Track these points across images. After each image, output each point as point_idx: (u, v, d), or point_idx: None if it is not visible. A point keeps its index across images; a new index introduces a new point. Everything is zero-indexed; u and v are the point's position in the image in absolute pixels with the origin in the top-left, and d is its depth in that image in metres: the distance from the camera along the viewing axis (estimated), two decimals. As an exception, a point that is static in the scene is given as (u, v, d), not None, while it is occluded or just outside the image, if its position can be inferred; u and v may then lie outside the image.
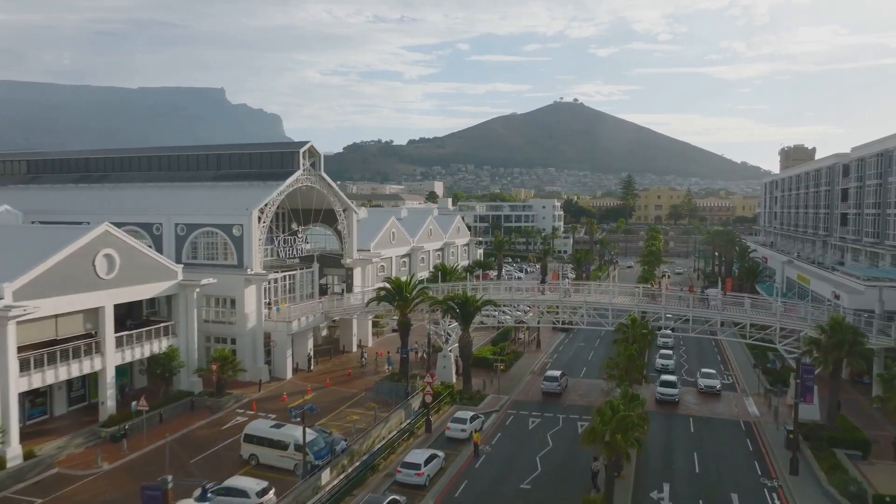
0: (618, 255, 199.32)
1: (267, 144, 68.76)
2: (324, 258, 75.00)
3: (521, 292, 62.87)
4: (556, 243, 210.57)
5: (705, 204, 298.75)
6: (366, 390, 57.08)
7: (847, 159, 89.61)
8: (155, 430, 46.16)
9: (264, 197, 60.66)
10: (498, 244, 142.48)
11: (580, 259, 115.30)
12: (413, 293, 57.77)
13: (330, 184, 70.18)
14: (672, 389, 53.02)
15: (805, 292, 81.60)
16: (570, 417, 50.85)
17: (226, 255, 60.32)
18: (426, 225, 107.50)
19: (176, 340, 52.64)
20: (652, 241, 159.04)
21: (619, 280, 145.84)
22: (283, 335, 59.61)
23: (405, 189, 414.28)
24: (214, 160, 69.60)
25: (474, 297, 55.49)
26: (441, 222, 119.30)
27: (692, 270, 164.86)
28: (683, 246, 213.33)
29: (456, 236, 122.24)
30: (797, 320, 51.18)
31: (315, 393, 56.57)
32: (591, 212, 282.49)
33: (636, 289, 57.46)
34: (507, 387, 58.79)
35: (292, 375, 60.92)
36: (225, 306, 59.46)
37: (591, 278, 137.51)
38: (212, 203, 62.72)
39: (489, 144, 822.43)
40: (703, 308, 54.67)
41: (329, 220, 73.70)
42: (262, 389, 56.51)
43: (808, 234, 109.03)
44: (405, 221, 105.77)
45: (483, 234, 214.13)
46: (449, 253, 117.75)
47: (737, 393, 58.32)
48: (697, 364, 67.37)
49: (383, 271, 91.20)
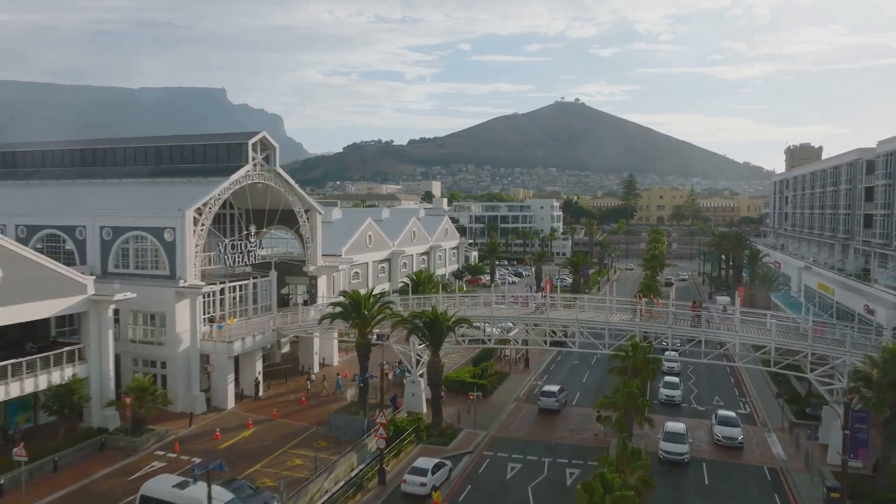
0: (618, 257, 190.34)
1: (212, 136, 60.00)
2: (284, 265, 66.22)
3: (502, 308, 53.75)
4: (554, 245, 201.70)
5: (709, 204, 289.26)
6: (318, 424, 48.25)
7: (872, 154, 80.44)
8: (44, 482, 37.43)
9: (202, 195, 51.83)
10: (491, 247, 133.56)
11: (577, 263, 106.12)
12: (373, 309, 48.86)
13: (287, 181, 61.36)
14: (680, 446, 41.40)
15: (827, 303, 72.64)
16: (558, 462, 41.88)
17: (157, 264, 51.48)
18: (409, 227, 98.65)
19: (85, 368, 43.82)
20: (654, 243, 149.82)
21: (619, 285, 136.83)
22: (224, 358, 50.75)
23: (402, 189, 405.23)
24: (153, 154, 60.73)
25: (445, 315, 46.56)
26: (427, 224, 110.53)
27: (697, 274, 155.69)
28: (687, 248, 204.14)
29: (443, 239, 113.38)
30: (833, 344, 42.21)
31: (257, 427, 47.70)
32: (592, 212, 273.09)
33: (637, 304, 48.35)
34: (486, 418, 49.88)
35: (235, 405, 52.04)
36: (154, 324, 50.62)
37: (591, 284, 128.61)
38: (143, 203, 53.95)
39: (490, 144, 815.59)
40: (718, 329, 45.55)
41: (290, 221, 64.89)
42: (193, 424, 47.63)
43: (826, 236, 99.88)
44: (386, 223, 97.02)
45: (479, 235, 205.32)
46: (435, 257, 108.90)
47: (757, 427, 49.35)
48: (708, 391, 58.38)
49: (357, 279, 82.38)
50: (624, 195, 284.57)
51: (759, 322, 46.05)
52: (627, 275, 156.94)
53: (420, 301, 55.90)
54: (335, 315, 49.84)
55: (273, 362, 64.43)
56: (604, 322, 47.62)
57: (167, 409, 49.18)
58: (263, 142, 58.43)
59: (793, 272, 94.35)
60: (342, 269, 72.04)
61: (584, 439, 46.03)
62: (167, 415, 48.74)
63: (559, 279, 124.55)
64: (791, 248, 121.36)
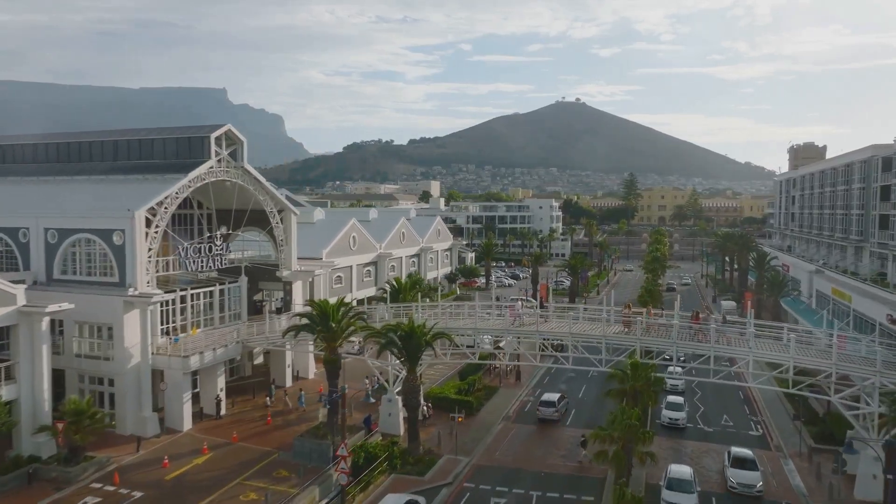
0: (619, 259, 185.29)
1: (173, 129, 54.96)
2: (258, 270, 61.18)
3: (489, 319, 48.61)
4: (553, 246, 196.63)
5: (711, 204, 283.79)
6: (281, 448, 43.26)
7: (889, 151, 75.32)
8: (-47, 525, 32.46)
9: (156, 194, 46.81)
10: (486, 248, 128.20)
11: (575, 265, 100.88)
12: (343, 321, 43.79)
13: (257, 178, 56.37)
14: (687, 496, 34.63)
15: (842, 311, 67.56)
16: (549, 498, 36.81)
17: (106, 270, 46.47)
18: (397, 228, 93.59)
19: (13, 388, 38.82)
20: (656, 244, 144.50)
21: (619, 288, 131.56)
22: (179, 374, 45.72)
23: (401, 189, 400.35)
24: (111, 149, 55.68)
25: (422, 328, 41.52)
26: (418, 225, 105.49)
27: (699, 276, 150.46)
28: (689, 249, 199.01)
29: (435, 240, 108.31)
30: (861, 363, 37.15)
31: (213, 453, 42.68)
32: (592, 212, 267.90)
33: (637, 316, 43.20)
34: (470, 441, 44.88)
35: (192, 426, 47.00)
36: (101, 337, 45.60)
37: (589, 286, 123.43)
38: (94, 202, 48.95)
39: (490, 144, 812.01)
40: (729, 344, 40.41)
41: (262, 222, 59.90)
42: (141, 449, 42.56)
43: (836, 238, 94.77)
44: (373, 224, 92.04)
45: (477, 235, 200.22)
46: (426, 259, 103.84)
47: (771, 452, 44.30)
48: (716, 409, 53.29)
49: (340, 283, 77.38)
50: (624, 195, 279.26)
51: (774, 335, 41.04)
52: (628, 276, 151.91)
53: (401, 310, 50.92)
54: (299, 327, 44.80)
55: (243, 375, 59.49)
56: (600, 335, 42.54)
57: (114, 432, 44.27)
58: (229, 135, 53.44)
59: (803, 276, 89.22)
60: (319, 274, 66.96)
61: (579, 468, 40.99)
62: (113, 438, 43.76)
63: (556, 282, 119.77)
64: (798, 250, 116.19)
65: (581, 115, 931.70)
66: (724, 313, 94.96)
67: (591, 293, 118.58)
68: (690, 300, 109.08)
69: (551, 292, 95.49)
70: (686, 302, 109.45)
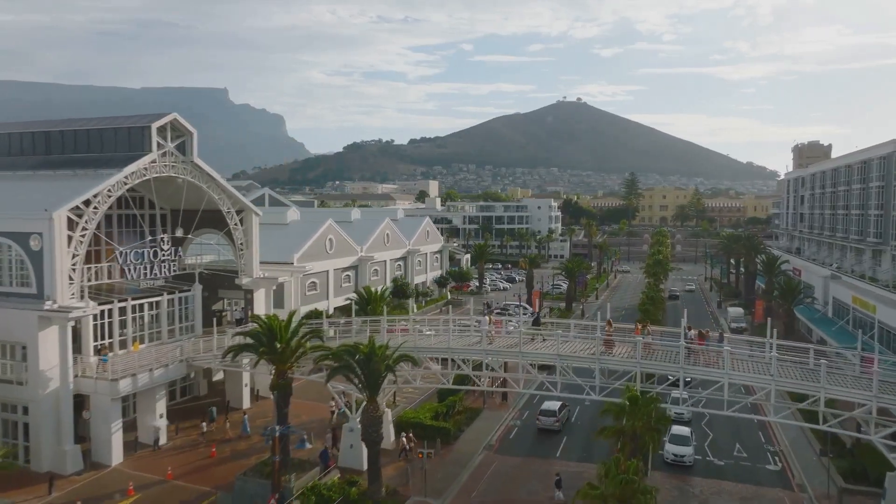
0: (619, 260, 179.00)
1: (113, 118, 48.74)
2: (217, 277, 55.01)
3: (464, 336, 42.16)
4: (552, 247, 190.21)
5: (714, 204, 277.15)
6: (222, 488, 37.01)
7: (912, 146, 69.24)
8: None
9: (82, 192, 40.57)
10: (480, 250, 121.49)
11: (572, 269, 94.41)
12: (294, 341, 37.46)
13: (210, 174, 50.13)
14: None
15: (864, 322, 61.24)
16: (529, 557, 30.53)
17: (22, 279, 40.24)
18: (380, 229, 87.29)
19: None
20: (658, 245, 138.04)
21: (619, 293, 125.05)
22: (107, 400, 39.49)
23: (398, 188, 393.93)
24: (42, 140, 49.37)
25: (383, 350, 35.20)
26: (405, 226, 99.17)
27: (703, 280, 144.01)
28: (692, 250, 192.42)
29: (423, 242, 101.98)
30: (905, 395, 30.77)
31: (141, 494, 36.44)
32: (592, 212, 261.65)
33: (636, 335, 36.74)
34: (443, 479, 38.58)
35: (122, 460, 40.70)
36: (14, 357, 39.34)
37: (588, 290, 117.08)
38: (13, 201, 42.69)
39: (491, 144, 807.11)
40: (748, 371, 33.99)
41: (220, 224, 53.69)
42: (54, 490, 36.24)
43: (851, 240, 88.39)
44: (354, 226, 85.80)
45: (473, 236, 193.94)
46: (414, 262, 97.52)
47: (793, 492, 37.97)
48: (727, 437, 46.81)
49: (315, 290, 71.15)
50: (625, 195, 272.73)
51: (798, 359, 34.68)
52: (628, 279, 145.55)
53: (371, 325, 44.60)
54: (239, 348, 38.53)
55: (197, 395, 53.31)
56: (593, 357, 36.18)
57: (28, 469, 38.07)
58: (176, 126, 47.22)
59: (816, 281, 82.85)
60: (283, 281, 60.71)
61: (567, 514, 34.67)
62: (27, 477, 37.55)
63: (553, 285, 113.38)
64: (808, 252, 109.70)
65: (582, 115, 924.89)
66: (731, 321, 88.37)
67: (591, 296, 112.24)
68: (695, 306, 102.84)
69: (544, 299, 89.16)
70: (690, 307, 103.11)
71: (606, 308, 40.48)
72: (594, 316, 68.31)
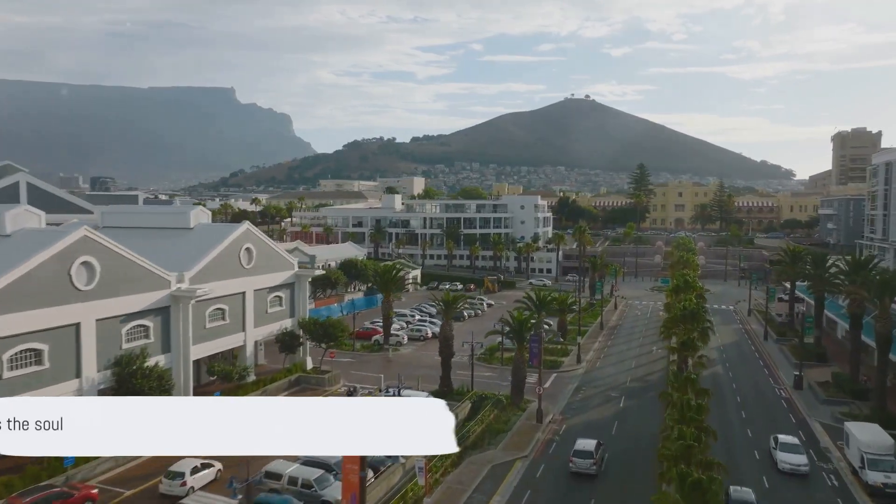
0: (624, 277, 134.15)
1: None
2: None
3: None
4: (536, 258, 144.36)
5: (741, 203, 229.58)
6: None
7: None
8: None
9: None
10: (384, 275, 73.99)
11: (521, 323, 49.16)
12: None
13: None
14: None
15: None
16: None
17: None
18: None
19: None
20: (682, 265, 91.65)
21: (620, 344, 78.83)
22: None
23: (378, 186, 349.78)
24: None
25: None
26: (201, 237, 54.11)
27: (746, 313, 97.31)
28: (719, 263, 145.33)
29: (264, 268, 56.46)
30: None
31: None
32: (594, 213, 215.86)
33: None
34: None
35: None
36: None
37: (568, 339, 71.51)
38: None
39: (496, 142, 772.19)
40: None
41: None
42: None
43: None
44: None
45: (435, 244, 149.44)
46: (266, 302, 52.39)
47: None
48: None
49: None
50: (633, 191, 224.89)
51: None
52: (635, 310, 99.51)
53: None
54: None
55: None
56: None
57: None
58: None
59: None
60: None
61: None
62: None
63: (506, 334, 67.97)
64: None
65: (590, 112, 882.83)
66: (865, 452, 33.01)
67: (566, 357, 67.07)
68: (751, 382, 58.05)
69: (478, 364, 44.23)
70: (743, 382, 59.09)
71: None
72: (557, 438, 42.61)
